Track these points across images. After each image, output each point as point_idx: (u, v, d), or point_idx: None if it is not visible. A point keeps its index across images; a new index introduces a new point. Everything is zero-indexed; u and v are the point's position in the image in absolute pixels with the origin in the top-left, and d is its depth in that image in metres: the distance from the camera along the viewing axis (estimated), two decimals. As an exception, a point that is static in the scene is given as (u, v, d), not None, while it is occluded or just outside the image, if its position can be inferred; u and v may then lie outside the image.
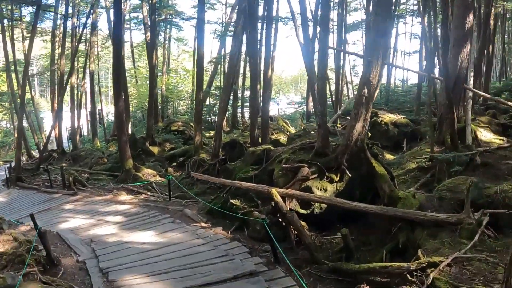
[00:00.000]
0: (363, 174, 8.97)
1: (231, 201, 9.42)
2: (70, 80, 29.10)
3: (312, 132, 15.88)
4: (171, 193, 13.73)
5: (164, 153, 23.15)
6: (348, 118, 23.31)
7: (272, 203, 7.93)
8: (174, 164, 21.35)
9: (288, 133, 20.05)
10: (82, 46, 33.45)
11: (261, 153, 11.11)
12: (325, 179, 8.64)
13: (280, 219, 7.86)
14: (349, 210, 7.63)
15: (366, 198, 8.76)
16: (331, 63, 32.76)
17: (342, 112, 23.93)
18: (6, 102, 37.20)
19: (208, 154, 20.57)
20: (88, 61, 31.28)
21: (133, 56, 44.52)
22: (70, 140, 31.23)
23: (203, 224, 9.45)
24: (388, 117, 19.79)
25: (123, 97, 18.36)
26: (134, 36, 75.55)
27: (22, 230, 10.54)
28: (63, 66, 26.14)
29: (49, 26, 33.93)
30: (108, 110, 51.23)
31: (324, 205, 8.56)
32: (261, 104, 18.42)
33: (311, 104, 33.38)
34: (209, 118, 37.66)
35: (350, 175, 8.78)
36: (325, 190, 8.69)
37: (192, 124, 29.40)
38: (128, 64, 49.41)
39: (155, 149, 22.93)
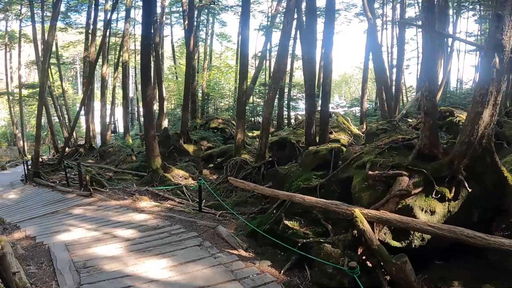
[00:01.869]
0: (487, 187, 6.06)
1: (286, 222, 6.69)
2: (101, 71, 27.49)
3: (404, 127, 12.96)
4: (203, 201, 11.23)
5: (201, 153, 20.79)
6: (410, 120, 20.67)
7: (355, 231, 5.19)
8: (211, 165, 18.94)
9: (350, 132, 17.12)
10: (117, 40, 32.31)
11: (327, 154, 8.34)
12: (433, 195, 5.78)
13: (365, 258, 5.08)
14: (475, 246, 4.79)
15: (483, 220, 6.07)
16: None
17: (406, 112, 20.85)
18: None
19: (251, 155, 18.22)
20: (121, 51, 29.48)
21: (173, 52, 43.21)
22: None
23: (243, 253, 6.76)
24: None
25: (151, 84, 15.99)
26: (175, 32, 74.73)
27: (16, 237, 9.17)
28: (93, 53, 24.39)
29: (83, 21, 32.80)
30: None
31: (428, 236, 5.75)
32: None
33: (366, 104, 30.77)
34: (252, 118, 35.72)
35: (469, 190, 5.88)
36: (433, 212, 5.88)
37: (233, 122, 27.15)
38: (167, 62, 48.14)
39: (190, 148, 20.61)
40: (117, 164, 19.82)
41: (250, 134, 26.67)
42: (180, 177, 15.81)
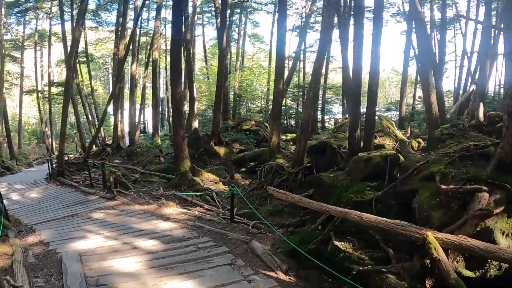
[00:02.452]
0: None
1: (336, 243, 5.65)
2: (131, 69, 27.09)
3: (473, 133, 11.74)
4: (235, 209, 10.29)
5: (232, 156, 19.92)
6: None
7: (427, 261, 4.13)
8: (243, 169, 18.02)
9: (395, 137, 15.89)
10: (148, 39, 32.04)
11: (382, 161, 7.25)
12: (517, 215, 4.68)
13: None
14: None
15: None
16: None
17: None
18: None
19: (286, 160, 17.28)
20: (151, 49, 28.99)
21: (205, 53, 42.88)
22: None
23: (282, 276, 5.76)
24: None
25: (181, 82, 15.24)
26: (207, 32, 74.86)
27: (29, 241, 8.70)
28: (122, 51, 23.84)
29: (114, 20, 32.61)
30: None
31: (506, 265, 4.67)
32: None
33: (404, 108, 29.43)
34: (285, 121, 34.80)
35: None
36: (515, 236, 4.74)
37: (266, 124, 26.26)
38: (199, 64, 47.82)
39: (221, 150, 19.77)
40: (144, 165, 19.18)
41: (283, 137, 25.66)
42: (210, 181, 14.96)
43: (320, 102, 33.67)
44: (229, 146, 20.64)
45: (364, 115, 13.29)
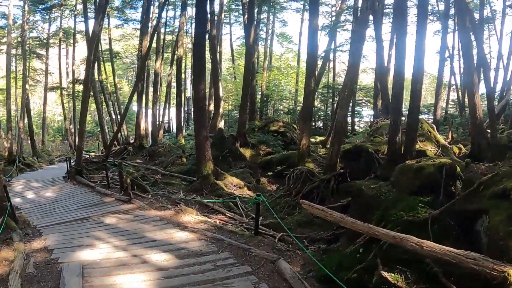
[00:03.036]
0: None
1: (384, 274, 4.63)
2: (155, 66, 26.52)
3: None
4: (260, 218, 9.38)
5: (258, 158, 18.99)
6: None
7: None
8: (270, 173, 17.04)
9: (436, 142, 14.71)
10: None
11: (436, 172, 6.18)
12: None
13: None
14: None
15: None
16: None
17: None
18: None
19: (316, 164, 16.33)
20: (176, 46, 28.34)
21: (231, 52, 42.27)
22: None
23: (316, 309, 4.78)
24: None
25: (205, 79, 14.40)
26: (234, 31, 74.50)
27: (33, 246, 8.20)
28: (145, 46, 23.24)
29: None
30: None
31: None
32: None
33: (439, 111, 28.06)
34: (313, 123, 33.62)
35: None
36: None
37: (295, 125, 25.30)
38: (225, 64, 47.41)
39: (247, 152, 18.88)
40: (165, 166, 18.46)
41: (311, 140, 24.62)
42: (234, 185, 14.08)
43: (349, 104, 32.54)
44: (255, 148, 19.71)
45: (404, 118, 12.18)
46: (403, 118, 12.56)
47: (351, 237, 6.70)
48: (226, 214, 10.86)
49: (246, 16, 23.25)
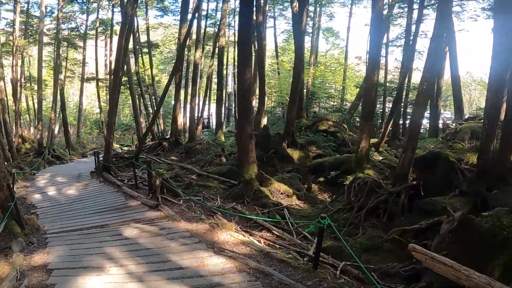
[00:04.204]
0: None
1: None
2: (194, 57, 24.93)
3: None
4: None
5: (307, 161, 17.00)
6: None
7: None
8: (321, 179, 15.01)
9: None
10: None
11: None
12: None
13: None
14: None
15: None
16: None
17: None
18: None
19: (376, 171, 14.28)
20: (218, 36, 26.65)
21: (275, 46, 40.55)
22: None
23: None
24: None
25: (251, 65, 12.53)
26: (278, 25, 72.91)
27: (33, 261, 6.95)
28: (184, 33, 21.60)
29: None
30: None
31: None
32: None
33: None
34: (358, 124, 31.14)
35: None
36: None
37: (345, 125, 23.21)
38: (268, 61, 46.07)
39: (294, 153, 16.92)
40: (202, 165, 16.76)
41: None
42: (281, 193, 12.16)
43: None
44: (304, 149, 17.68)
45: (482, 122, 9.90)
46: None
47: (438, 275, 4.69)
48: (273, 231, 8.96)
49: (295, 3, 21.28)
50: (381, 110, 32.21)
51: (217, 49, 27.29)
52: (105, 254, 6.91)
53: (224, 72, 31.44)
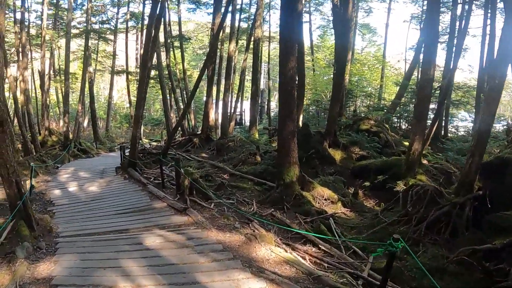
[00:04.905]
0: None
1: None
2: (228, 49, 23.82)
3: None
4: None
5: (350, 163, 15.63)
6: None
7: None
8: (367, 184, 13.62)
9: None
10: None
11: None
12: None
13: None
14: None
15: None
16: None
17: None
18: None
19: (429, 177, 12.92)
20: (254, 27, 25.47)
21: (311, 42, 39.18)
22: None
23: None
24: None
25: (295, 53, 11.16)
26: (314, 20, 71.46)
27: (38, 271, 6.01)
28: (217, 23, 20.47)
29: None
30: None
31: None
32: None
33: None
34: (396, 124, 29.99)
35: None
36: None
37: (386, 125, 21.76)
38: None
39: (336, 154, 15.59)
40: (235, 164, 15.60)
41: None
42: (325, 199, 10.84)
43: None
44: (346, 150, 16.31)
45: None
46: None
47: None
48: (320, 244, 7.67)
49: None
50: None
51: (252, 42, 26.16)
52: (120, 268, 5.81)
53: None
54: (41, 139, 23.87)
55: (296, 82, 11.14)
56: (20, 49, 20.91)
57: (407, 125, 32.32)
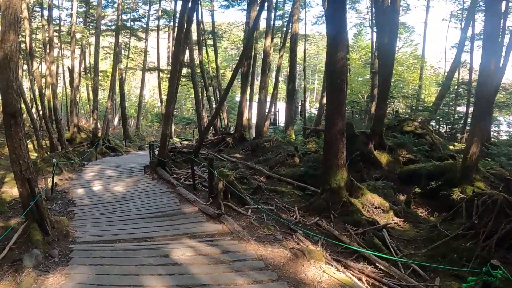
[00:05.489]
0: None
1: None
2: (264, 44, 22.84)
3: None
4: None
5: (397, 167, 14.27)
6: None
7: None
8: (417, 190, 12.26)
9: None
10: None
11: None
12: None
13: None
14: None
15: None
16: None
17: None
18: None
19: (488, 184, 11.75)
20: (291, 21, 24.34)
21: (347, 42, 37.41)
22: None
23: None
24: None
25: (344, 44, 10.02)
26: (350, 18, 69.89)
27: (47, 284, 5.22)
28: (253, 16, 19.49)
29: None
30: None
31: None
32: None
33: None
34: (439, 126, 28.20)
35: None
36: None
37: (429, 127, 20.48)
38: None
39: (382, 157, 14.30)
40: (272, 165, 14.51)
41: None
42: (375, 207, 9.62)
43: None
44: (392, 153, 14.96)
45: None
46: None
47: None
48: (377, 263, 6.50)
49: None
50: (464, 113, 28.75)
51: (288, 38, 25.05)
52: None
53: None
54: (69, 136, 23.41)
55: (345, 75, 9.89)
56: (47, 43, 20.35)
57: (446, 127, 30.63)
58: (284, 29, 34.18)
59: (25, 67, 32.09)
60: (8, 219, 9.09)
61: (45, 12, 23.28)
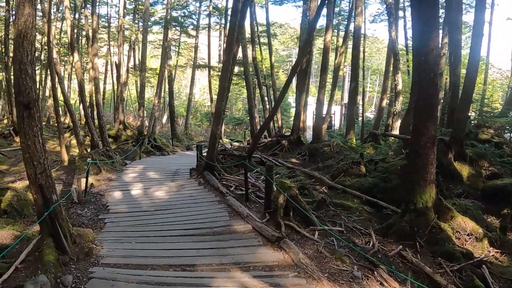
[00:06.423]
0: None
1: None
2: (324, 39, 21.23)
3: None
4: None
5: (480, 181, 12.22)
6: None
7: None
8: (506, 211, 10.21)
9: None
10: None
11: None
12: None
13: None
14: None
15: None
16: None
17: None
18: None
19: None
20: (354, 12, 22.48)
21: (406, 41, 34.89)
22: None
23: None
24: None
25: (438, 30, 8.25)
26: (409, 17, 66.72)
27: None
28: (314, 7, 17.79)
29: None
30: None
31: None
32: None
33: None
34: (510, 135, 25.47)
35: None
36: None
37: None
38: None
39: (463, 169, 12.31)
40: (334, 174, 12.85)
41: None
42: (467, 235, 7.74)
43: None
44: (473, 165, 12.96)
45: None
46: None
47: None
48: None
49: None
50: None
51: (351, 33, 23.21)
52: None
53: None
54: (114, 133, 22.59)
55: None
56: (91, 34, 19.48)
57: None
58: (341, 27, 32.45)
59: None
60: (30, 225, 7.95)
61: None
